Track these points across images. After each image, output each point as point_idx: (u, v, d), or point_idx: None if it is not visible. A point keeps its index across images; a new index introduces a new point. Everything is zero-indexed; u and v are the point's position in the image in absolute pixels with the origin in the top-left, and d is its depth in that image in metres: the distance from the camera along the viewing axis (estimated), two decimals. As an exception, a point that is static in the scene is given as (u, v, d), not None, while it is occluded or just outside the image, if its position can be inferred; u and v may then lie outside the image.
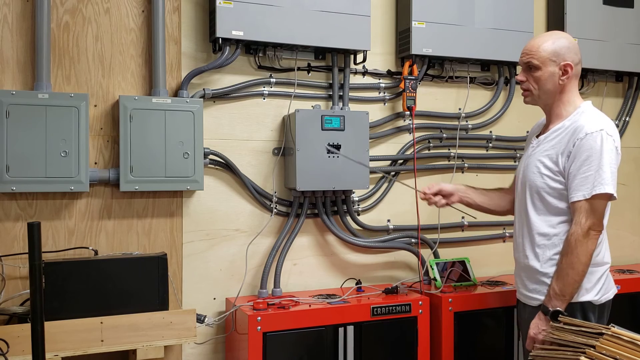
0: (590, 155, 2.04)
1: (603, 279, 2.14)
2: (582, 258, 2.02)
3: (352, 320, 2.62)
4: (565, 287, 2.04)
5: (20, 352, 2.15)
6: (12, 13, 2.46)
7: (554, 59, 2.13)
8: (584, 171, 2.04)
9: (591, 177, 2.03)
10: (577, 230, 2.03)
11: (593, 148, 2.04)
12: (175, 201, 2.71)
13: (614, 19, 3.48)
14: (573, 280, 2.03)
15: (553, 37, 2.17)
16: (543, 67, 2.14)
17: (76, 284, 2.30)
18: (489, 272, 3.28)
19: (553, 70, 2.14)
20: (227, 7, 2.61)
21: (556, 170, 2.12)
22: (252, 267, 2.85)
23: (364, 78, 3.11)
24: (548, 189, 2.14)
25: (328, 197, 2.94)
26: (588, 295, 2.10)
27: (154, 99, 2.55)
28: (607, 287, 2.16)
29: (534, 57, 2.15)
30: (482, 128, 3.35)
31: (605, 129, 2.06)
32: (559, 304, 2.04)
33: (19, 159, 2.34)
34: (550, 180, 2.14)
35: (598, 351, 1.61)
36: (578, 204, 2.05)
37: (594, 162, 2.03)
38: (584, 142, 2.05)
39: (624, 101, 3.74)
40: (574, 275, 2.03)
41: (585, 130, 2.07)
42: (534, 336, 2.08)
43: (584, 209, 2.04)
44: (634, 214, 3.81)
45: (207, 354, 2.79)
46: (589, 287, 2.10)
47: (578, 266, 2.02)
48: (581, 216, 2.04)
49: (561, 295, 2.04)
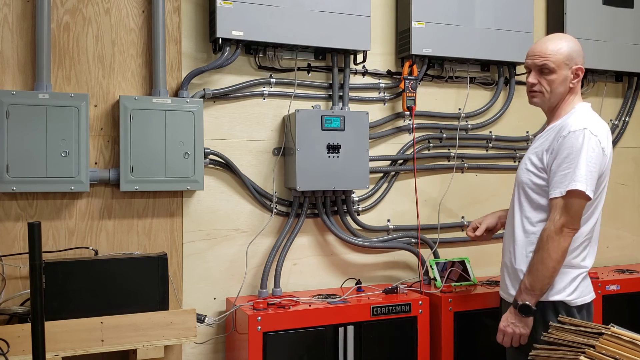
0: (571, 153, 2.05)
1: (578, 281, 2.14)
2: (553, 254, 2.04)
3: (352, 320, 2.62)
4: (535, 282, 2.06)
5: (21, 352, 2.15)
6: (12, 13, 2.46)
7: (568, 62, 2.16)
8: (564, 169, 2.06)
9: (569, 175, 2.04)
10: (550, 227, 2.05)
11: (574, 146, 2.05)
12: (175, 201, 2.71)
13: (613, 19, 3.48)
14: (542, 276, 2.05)
15: (565, 40, 2.19)
16: (558, 71, 2.16)
17: (76, 284, 2.30)
18: (489, 272, 3.29)
19: (566, 74, 2.17)
20: (227, 7, 2.61)
21: (540, 166, 2.15)
22: (252, 267, 2.85)
23: (364, 78, 3.11)
24: (531, 185, 2.17)
25: (328, 197, 2.94)
26: (560, 294, 2.11)
27: (154, 99, 2.55)
28: (584, 290, 2.16)
29: (549, 60, 2.16)
30: (482, 128, 3.35)
31: (589, 128, 2.07)
32: (528, 298, 2.07)
33: (19, 159, 2.34)
34: (534, 177, 2.16)
35: (598, 351, 1.62)
36: (554, 201, 2.07)
37: (573, 160, 2.05)
38: (566, 140, 2.07)
39: (623, 101, 3.74)
40: (543, 271, 2.05)
41: (568, 128, 2.09)
42: (503, 329, 2.14)
43: (559, 206, 2.06)
44: (634, 214, 3.81)
45: (207, 353, 2.79)
46: (561, 287, 2.11)
47: (548, 262, 2.04)
48: (556, 213, 2.06)
49: (531, 289, 2.07)
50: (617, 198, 3.73)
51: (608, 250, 3.68)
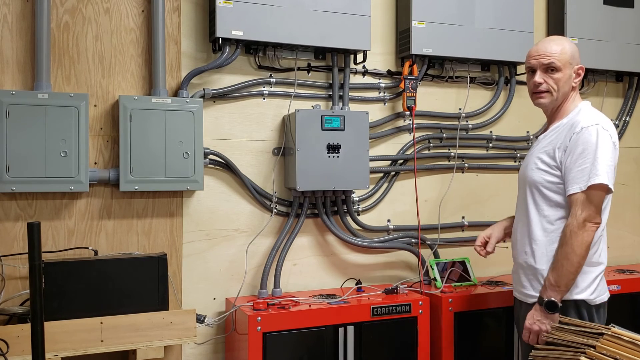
0: (586, 149, 2.08)
1: (598, 280, 2.17)
2: (577, 249, 2.05)
3: (352, 321, 2.62)
4: (560, 277, 2.07)
5: (20, 352, 2.15)
6: (12, 13, 2.46)
7: (572, 62, 2.22)
8: (580, 164, 2.07)
9: (587, 170, 2.06)
10: (573, 222, 2.06)
11: (589, 141, 2.08)
12: (175, 201, 2.70)
13: (614, 19, 3.48)
14: (567, 272, 2.06)
15: (566, 41, 2.27)
16: (564, 70, 2.20)
17: (76, 284, 2.30)
18: (489, 272, 3.28)
19: (570, 73, 2.22)
20: (227, 7, 2.61)
21: (553, 164, 2.16)
22: (252, 267, 2.85)
23: (364, 78, 3.11)
24: (546, 183, 2.18)
25: (328, 197, 2.93)
26: (583, 294, 2.13)
27: (153, 99, 2.55)
28: (602, 289, 2.19)
29: (556, 59, 2.20)
30: (482, 128, 3.34)
31: (601, 124, 2.11)
32: (553, 295, 2.08)
33: (18, 159, 2.33)
34: (548, 175, 2.17)
35: (598, 351, 1.61)
36: (574, 197, 2.08)
37: (589, 155, 2.07)
38: (580, 136, 2.10)
39: (624, 101, 3.74)
40: (568, 267, 2.06)
41: (581, 124, 2.12)
42: (530, 327, 2.13)
43: (579, 201, 2.07)
44: (634, 214, 3.80)
45: (207, 354, 2.78)
46: (584, 286, 2.13)
47: (573, 257, 2.05)
48: (577, 208, 2.07)
49: (556, 285, 2.07)
50: (617, 198, 3.69)
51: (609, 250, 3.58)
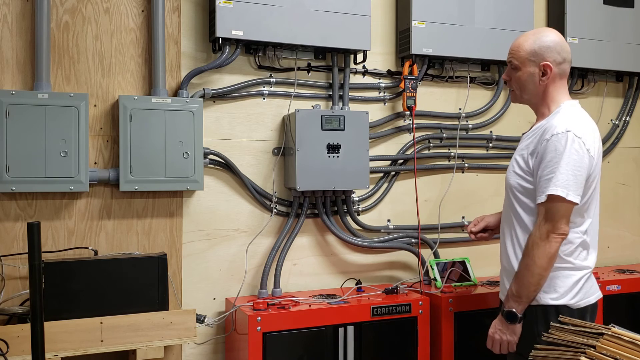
0: (553, 157, 2.00)
1: (582, 283, 2.08)
2: (538, 261, 1.99)
3: (352, 321, 2.62)
4: (521, 288, 2.03)
5: (20, 352, 2.15)
6: (11, 13, 2.46)
7: (533, 59, 2.11)
8: (547, 173, 2.00)
9: (551, 180, 1.99)
10: (535, 233, 2.01)
11: (557, 150, 2.00)
12: (175, 201, 2.70)
13: (614, 18, 3.48)
14: (528, 283, 2.01)
15: (535, 36, 2.13)
16: (522, 67, 2.13)
17: (76, 284, 2.30)
18: (489, 272, 3.28)
19: (532, 71, 2.12)
20: (227, 7, 2.61)
21: (527, 170, 2.10)
22: (252, 267, 2.85)
23: (364, 78, 3.11)
24: (520, 189, 2.12)
25: (328, 197, 2.93)
26: (563, 299, 2.05)
27: (153, 99, 2.55)
28: (588, 291, 2.11)
29: (514, 57, 2.15)
30: (482, 128, 3.34)
31: (573, 130, 2.00)
32: (514, 305, 2.04)
33: (18, 159, 2.33)
34: (522, 180, 2.12)
35: (598, 351, 1.61)
36: (540, 207, 2.03)
37: (554, 164, 1.99)
38: (549, 144, 2.02)
39: (624, 101, 3.74)
40: (529, 277, 2.01)
41: (551, 131, 2.03)
42: (492, 335, 2.11)
43: (542, 212, 2.01)
44: (634, 214, 3.80)
45: (207, 354, 2.78)
46: (563, 291, 2.05)
47: (534, 269, 1.99)
48: (541, 218, 2.01)
49: (517, 296, 2.04)
50: (617, 198, 3.73)
51: (608, 250, 3.67)
